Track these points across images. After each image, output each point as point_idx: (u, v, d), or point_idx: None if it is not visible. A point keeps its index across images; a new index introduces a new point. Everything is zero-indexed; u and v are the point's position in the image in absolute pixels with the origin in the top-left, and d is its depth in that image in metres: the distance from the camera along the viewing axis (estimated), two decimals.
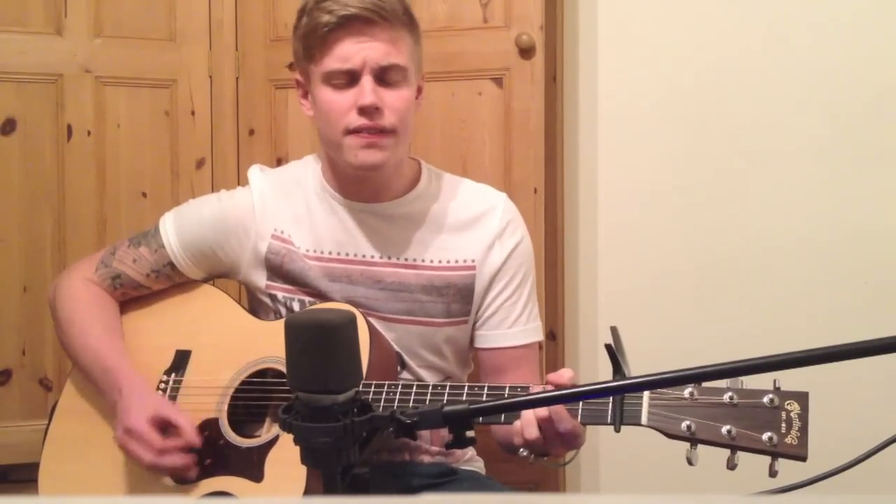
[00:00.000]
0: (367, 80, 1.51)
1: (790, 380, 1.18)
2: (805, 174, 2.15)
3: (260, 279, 1.64)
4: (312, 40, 1.53)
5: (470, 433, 0.99)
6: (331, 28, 1.50)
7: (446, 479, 1.63)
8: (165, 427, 1.51)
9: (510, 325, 1.62)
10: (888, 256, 2.11)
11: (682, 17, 2.23)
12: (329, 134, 1.56)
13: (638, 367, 0.98)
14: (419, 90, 1.62)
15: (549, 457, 1.38)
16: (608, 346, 1.00)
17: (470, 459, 1.71)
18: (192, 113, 2.23)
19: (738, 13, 2.19)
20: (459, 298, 1.61)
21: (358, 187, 1.61)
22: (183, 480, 1.52)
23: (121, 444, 1.52)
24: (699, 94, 2.22)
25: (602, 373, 2.23)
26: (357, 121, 1.51)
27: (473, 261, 1.61)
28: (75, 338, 1.62)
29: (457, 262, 1.61)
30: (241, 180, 1.74)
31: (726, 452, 1.19)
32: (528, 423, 1.32)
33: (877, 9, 2.10)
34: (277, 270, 1.63)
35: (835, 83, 2.13)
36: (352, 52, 1.50)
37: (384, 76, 1.52)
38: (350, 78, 1.52)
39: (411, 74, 1.56)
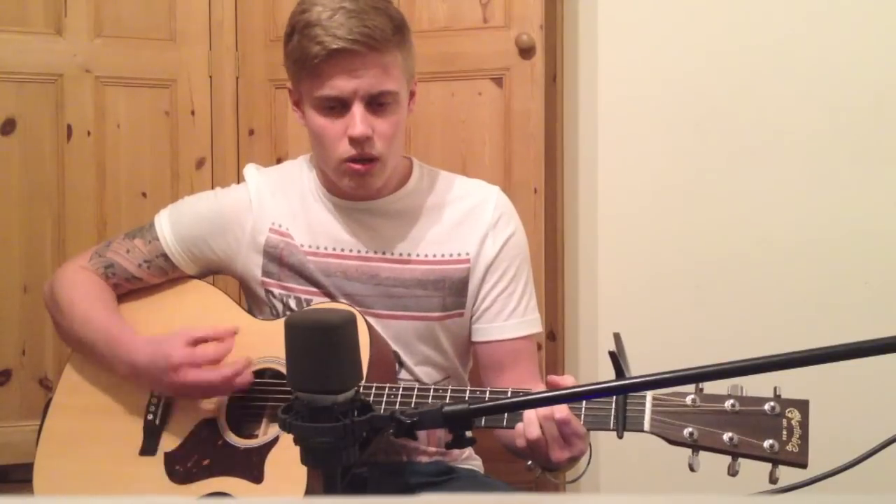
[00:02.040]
0: (357, 109, 1.51)
1: (790, 380, 1.18)
2: (805, 174, 2.16)
3: (256, 270, 1.64)
4: (301, 66, 1.53)
5: (469, 433, 0.99)
6: (321, 59, 1.49)
7: (444, 477, 1.63)
8: (198, 347, 1.54)
9: (506, 317, 1.62)
10: (888, 256, 2.11)
11: (682, 17, 2.23)
12: (321, 156, 1.59)
13: (638, 367, 0.98)
14: (411, 95, 1.62)
15: (557, 471, 1.38)
16: (612, 353, 1.00)
17: (468, 458, 1.71)
18: (192, 113, 2.23)
19: (738, 13, 2.19)
20: (454, 292, 1.61)
21: (350, 190, 1.61)
22: (182, 479, 1.52)
23: (175, 384, 1.52)
24: (699, 93, 2.22)
25: (602, 373, 2.23)
26: (348, 151, 1.52)
27: (468, 254, 1.61)
28: (77, 317, 1.62)
29: (451, 255, 1.62)
30: (241, 180, 1.75)
31: (728, 457, 1.19)
32: (529, 423, 1.32)
33: (877, 9, 2.10)
34: (277, 262, 1.63)
35: (835, 83, 2.13)
36: (343, 81, 1.50)
37: (375, 101, 1.52)
38: (341, 104, 1.52)
39: (402, 94, 1.56)
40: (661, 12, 2.25)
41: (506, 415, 1.33)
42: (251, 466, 1.48)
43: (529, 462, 1.38)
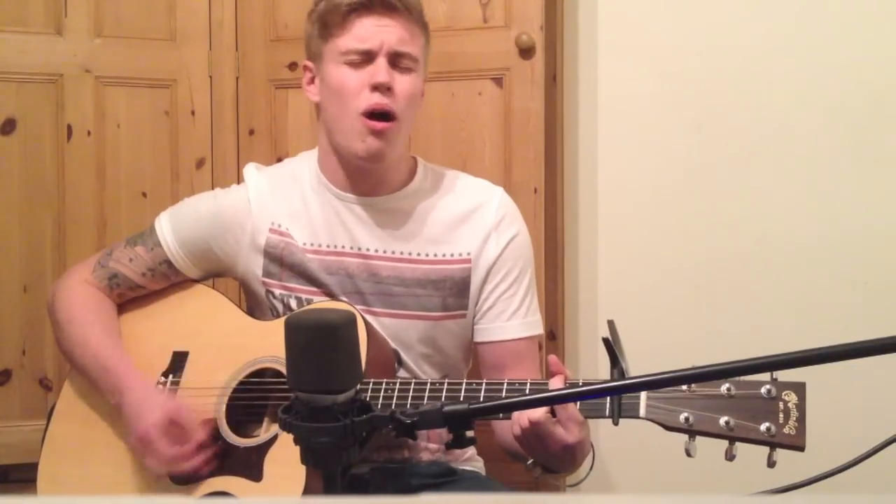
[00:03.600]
0: (381, 61, 1.54)
1: (790, 379, 1.18)
2: (805, 174, 2.15)
3: (257, 270, 1.64)
4: (332, 18, 1.55)
5: (470, 433, 0.99)
6: (353, 7, 1.53)
7: (446, 478, 1.63)
8: (174, 428, 1.51)
9: (508, 317, 1.62)
10: (888, 256, 2.11)
11: (682, 17, 2.23)
12: (339, 114, 1.57)
13: (637, 366, 0.98)
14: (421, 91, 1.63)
15: (555, 473, 1.38)
16: (605, 340, 1.00)
17: (469, 459, 1.71)
18: (192, 113, 2.23)
19: (739, 14, 2.19)
20: (456, 292, 1.61)
21: (356, 180, 1.61)
22: (183, 481, 1.52)
23: (136, 447, 1.53)
24: (699, 93, 2.22)
25: (602, 372, 2.23)
26: (369, 99, 1.53)
27: (469, 254, 1.61)
28: (74, 339, 1.62)
29: (452, 255, 1.62)
30: (241, 180, 1.75)
31: (724, 445, 1.18)
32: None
33: (877, 9, 2.10)
34: (278, 262, 1.63)
35: (835, 83, 2.13)
36: (371, 33, 1.53)
37: (397, 61, 1.55)
38: (366, 58, 1.54)
39: (421, 67, 1.59)
40: (661, 12, 2.24)
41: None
42: (251, 465, 1.48)
43: (530, 461, 1.38)
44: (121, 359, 1.59)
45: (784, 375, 1.16)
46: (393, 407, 1.38)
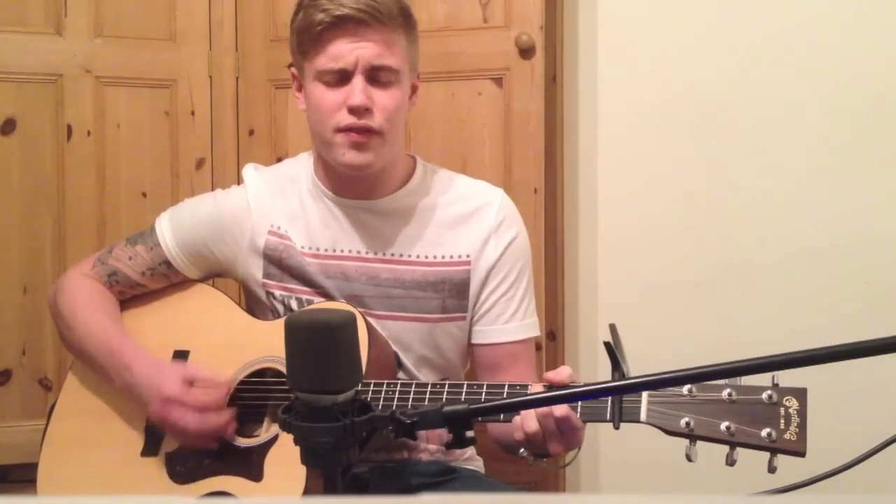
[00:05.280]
0: (357, 80, 1.51)
1: (790, 380, 1.18)
2: (805, 174, 2.16)
3: (257, 272, 1.65)
4: (306, 37, 1.54)
5: (470, 433, 0.99)
6: (324, 27, 1.51)
7: (446, 478, 1.63)
8: (196, 384, 1.51)
9: (506, 320, 1.62)
10: (888, 258, 2.11)
11: (683, 17, 2.23)
12: (319, 130, 1.57)
13: (637, 366, 0.98)
14: (414, 90, 1.62)
15: (549, 458, 1.38)
16: (607, 344, 1.00)
17: (469, 458, 1.71)
18: (192, 113, 2.24)
19: (739, 15, 2.19)
20: (455, 294, 1.61)
21: (350, 184, 1.61)
22: (184, 478, 1.52)
23: (160, 417, 1.51)
24: (699, 94, 2.22)
25: (602, 373, 2.23)
26: (346, 119, 1.52)
27: (468, 256, 1.61)
28: (79, 328, 1.62)
29: (451, 257, 1.61)
30: (241, 181, 1.75)
31: (725, 450, 1.19)
32: (527, 416, 1.32)
33: (877, 10, 2.10)
34: (277, 264, 1.63)
35: (835, 85, 2.13)
36: (344, 51, 1.51)
37: (375, 76, 1.53)
38: (342, 76, 1.52)
39: (404, 76, 1.56)
40: (661, 12, 2.25)
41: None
42: (251, 465, 1.48)
43: (522, 450, 1.38)
44: (126, 340, 1.60)
45: (784, 375, 1.16)
46: (394, 408, 1.38)
